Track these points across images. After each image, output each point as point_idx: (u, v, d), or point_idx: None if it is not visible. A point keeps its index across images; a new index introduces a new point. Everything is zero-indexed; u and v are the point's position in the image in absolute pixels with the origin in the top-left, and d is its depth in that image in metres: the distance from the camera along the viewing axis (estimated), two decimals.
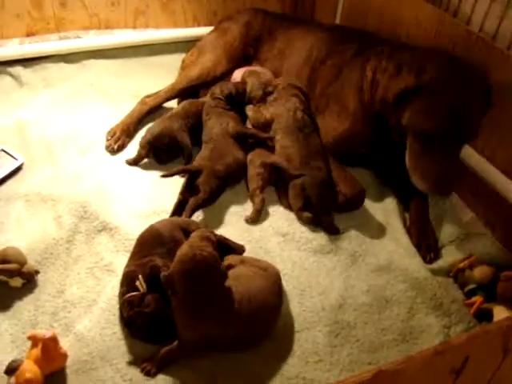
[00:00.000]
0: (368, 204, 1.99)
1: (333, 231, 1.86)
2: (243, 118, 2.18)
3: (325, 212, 1.88)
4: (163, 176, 1.91)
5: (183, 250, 1.44)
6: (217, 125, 2.08)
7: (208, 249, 1.43)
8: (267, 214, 1.93)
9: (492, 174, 1.97)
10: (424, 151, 1.76)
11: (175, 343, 1.44)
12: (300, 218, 1.90)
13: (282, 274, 1.63)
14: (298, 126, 2.01)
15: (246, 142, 2.08)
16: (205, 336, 1.43)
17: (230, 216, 1.91)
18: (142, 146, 2.10)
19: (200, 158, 1.98)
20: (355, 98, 2.01)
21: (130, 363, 1.45)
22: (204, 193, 1.86)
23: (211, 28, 2.73)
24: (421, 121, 1.72)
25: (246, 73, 2.28)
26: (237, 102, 2.19)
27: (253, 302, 1.46)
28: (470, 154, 2.03)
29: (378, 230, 1.92)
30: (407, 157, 1.83)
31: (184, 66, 2.53)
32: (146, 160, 2.11)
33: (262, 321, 1.50)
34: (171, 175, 1.92)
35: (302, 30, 2.41)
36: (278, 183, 2.00)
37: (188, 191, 1.88)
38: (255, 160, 1.99)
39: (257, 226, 1.88)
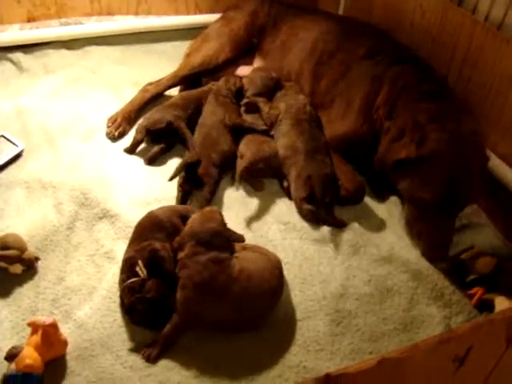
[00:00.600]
0: (370, 195, 1.98)
1: (338, 225, 1.85)
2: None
3: (327, 207, 1.86)
4: (170, 179, 1.89)
5: (195, 216, 1.61)
6: (216, 112, 2.08)
7: (218, 216, 1.61)
8: (268, 203, 1.92)
9: (496, 165, 1.96)
10: (420, 216, 1.76)
11: (173, 321, 1.45)
12: (300, 209, 1.88)
13: (283, 263, 1.63)
14: (306, 119, 2.01)
15: (239, 134, 2.08)
16: (204, 307, 1.46)
17: (229, 205, 1.90)
18: (137, 131, 2.09)
19: (193, 144, 1.99)
20: (361, 103, 1.97)
21: (131, 350, 1.45)
22: (209, 186, 1.87)
23: (213, 15, 2.72)
24: (419, 190, 1.73)
25: (255, 70, 2.30)
26: (241, 97, 2.21)
27: (252, 280, 1.48)
28: None
29: (379, 222, 1.91)
30: (404, 216, 1.84)
31: (188, 54, 2.51)
32: (144, 145, 2.10)
33: (261, 301, 1.50)
34: (176, 175, 1.90)
35: (308, 21, 2.36)
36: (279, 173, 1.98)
37: (188, 183, 1.88)
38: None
39: (258, 214, 1.87)
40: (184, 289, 1.48)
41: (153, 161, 2.05)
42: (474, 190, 1.75)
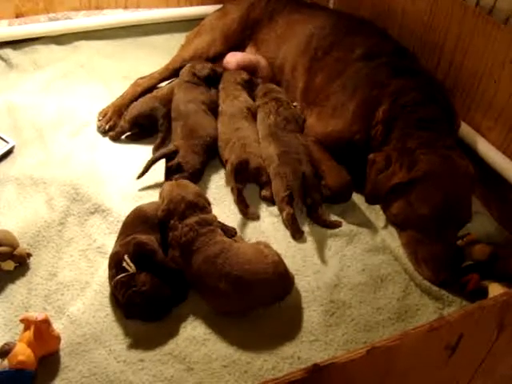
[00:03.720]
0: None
1: (330, 226, 1.81)
2: None
3: (310, 208, 1.82)
4: (140, 176, 1.88)
5: (168, 187, 1.70)
6: (185, 100, 2.08)
7: (189, 183, 1.72)
8: (257, 195, 1.91)
9: (489, 152, 1.95)
10: (421, 239, 1.71)
11: None
12: (282, 212, 1.82)
13: None
14: (271, 131, 1.98)
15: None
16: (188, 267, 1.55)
17: (221, 198, 1.89)
18: (125, 120, 2.09)
19: (173, 139, 1.98)
20: (357, 107, 1.91)
21: (124, 344, 1.45)
22: (187, 170, 1.86)
23: (204, 7, 2.70)
24: (416, 208, 1.69)
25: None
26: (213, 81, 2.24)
27: (239, 258, 1.51)
28: (467, 132, 2.01)
29: (372, 212, 1.90)
30: (405, 247, 1.76)
31: (181, 46, 2.50)
32: (133, 137, 2.12)
33: (248, 284, 1.49)
34: (148, 167, 1.89)
35: (305, 15, 2.32)
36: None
37: (171, 174, 1.87)
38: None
39: (250, 207, 1.86)
40: (173, 249, 1.58)
41: (117, 137, 2.09)
42: (468, 204, 1.72)
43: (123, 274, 1.48)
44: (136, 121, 2.09)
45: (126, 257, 1.50)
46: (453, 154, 1.74)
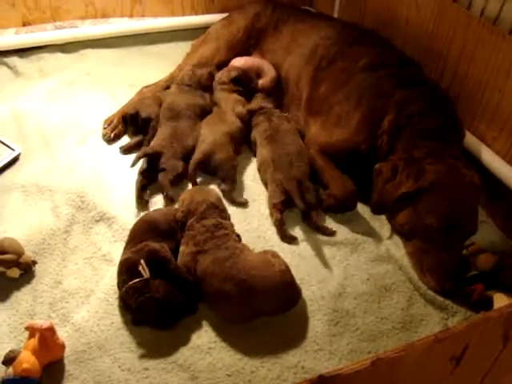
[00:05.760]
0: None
1: (322, 231, 1.81)
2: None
3: (306, 212, 1.83)
4: (132, 165, 1.92)
5: (188, 194, 1.75)
6: (187, 102, 2.13)
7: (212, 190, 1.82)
8: (265, 205, 1.91)
9: (494, 162, 1.95)
10: (427, 249, 1.70)
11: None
12: (271, 216, 1.84)
13: None
14: (267, 135, 2.03)
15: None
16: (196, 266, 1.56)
17: (227, 205, 1.89)
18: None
19: (159, 139, 2.00)
20: (363, 117, 1.92)
21: (128, 353, 1.45)
22: (170, 176, 1.89)
23: (209, 16, 2.71)
24: (423, 217, 1.69)
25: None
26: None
27: (247, 264, 1.52)
28: (471, 142, 2.01)
29: (377, 222, 1.90)
30: (410, 256, 1.76)
31: (187, 54, 2.52)
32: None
33: (250, 291, 1.49)
34: (135, 163, 1.93)
35: (309, 26, 2.33)
36: None
37: (148, 171, 1.90)
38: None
39: (255, 215, 1.87)
40: (184, 245, 1.61)
41: (128, 151, 2.07)
42: (475, 214, 1.72)
43: (137, 280, 1.48)
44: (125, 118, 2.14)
45: (142, 261, 1.50)
46: (459, 164, 1.74)
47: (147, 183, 1.91)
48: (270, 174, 1.91)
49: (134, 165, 1.93)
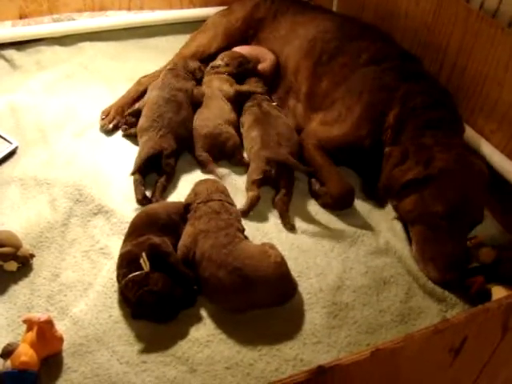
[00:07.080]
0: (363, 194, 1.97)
1: (282, 218, 1.83)
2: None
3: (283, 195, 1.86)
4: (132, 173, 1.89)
5: (200, 185, 1.77)
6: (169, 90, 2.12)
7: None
8: (264, 196, 1.90)
9: (493, 155, 1.95)
10: (432, 237, 1.69)
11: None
12: (248, 192, 1.86)
13: None
14: (256, 117, 2.05)
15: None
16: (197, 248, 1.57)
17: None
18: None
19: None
20: (365, 111, 1.91)
21: (126, 346, 1.45)
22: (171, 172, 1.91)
23: (207, 9, 2.69)
24: (430, 204, 1.68)
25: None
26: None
27: (244, 253, 1.52)
28: (470, 135, 2.01)
29: (376, 214, 1.90)
30: (414, 244, 1.75)
31: (184, 44, 2.51)
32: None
33: (243, 280, 1.49)
34: (136, 170, 1.89)
35: (308, 18, 2.32)
36: None
37: (145, 169, 1.90)
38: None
39: (254, 208, 1.86)
40: (190, 226, 1.63)
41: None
42: (482, 204, 1.72)
43: (137, 273, 1.48)
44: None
45: (143, 254, 1.50)
46: (467, 152, 1.74)
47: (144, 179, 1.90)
48: (256, 151, 1.92)
49: (134, 172, 1.89)
